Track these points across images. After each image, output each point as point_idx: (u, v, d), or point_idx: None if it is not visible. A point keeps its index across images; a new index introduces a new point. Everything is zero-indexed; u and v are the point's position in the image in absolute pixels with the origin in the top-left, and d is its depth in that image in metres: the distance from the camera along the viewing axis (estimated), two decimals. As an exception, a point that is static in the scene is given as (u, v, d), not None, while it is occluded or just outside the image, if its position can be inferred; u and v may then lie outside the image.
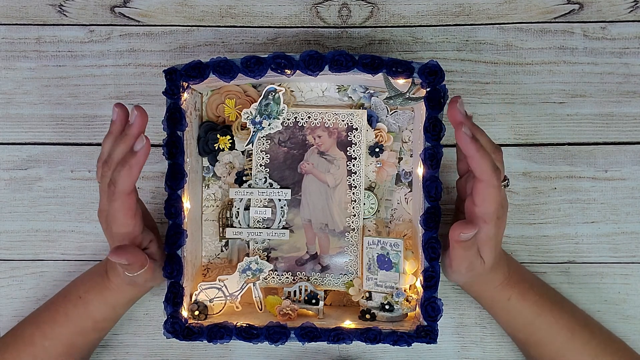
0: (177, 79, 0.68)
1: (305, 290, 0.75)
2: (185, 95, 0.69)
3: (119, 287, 0.69)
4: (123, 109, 0.63)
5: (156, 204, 0.79)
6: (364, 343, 0.68)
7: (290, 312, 0.72)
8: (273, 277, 0.77)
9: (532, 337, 0.71)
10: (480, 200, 0.61)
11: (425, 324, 0.68)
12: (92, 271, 0.74)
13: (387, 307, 0.72)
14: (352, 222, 0.76)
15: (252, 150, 0.76)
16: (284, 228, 0.76)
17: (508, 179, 0.67)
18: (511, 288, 0.70)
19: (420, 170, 0.69)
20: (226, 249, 0.79)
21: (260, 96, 0.73)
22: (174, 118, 0.68)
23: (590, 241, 0.79)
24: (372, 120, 0.76)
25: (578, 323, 0.72)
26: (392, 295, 0.72)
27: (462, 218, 0.65)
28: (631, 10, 0.78)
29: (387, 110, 0.77)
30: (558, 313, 0.71)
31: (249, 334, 0.68)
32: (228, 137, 0.75)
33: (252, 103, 0.74)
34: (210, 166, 0.77)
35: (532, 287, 0.72)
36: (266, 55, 0.67)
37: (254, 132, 0.74)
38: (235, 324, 0.68)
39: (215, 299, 0.73)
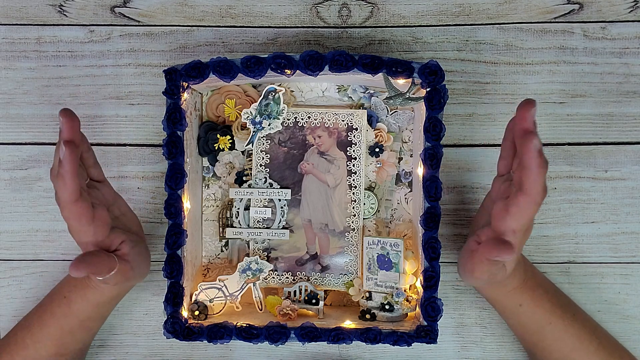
0: (177, 79, 0.68)
1: (305, 290, 0.75)
2: (185, 95, 0.69)
3: (99, 286, 0.68)
4: (67, 115, 0.59)
5: (156, 204, 0.79)
6: (364, 343, 0.68)
7: (290, 312, 0.72)
8: (273, 277, 0.77)
9: (540, 343, 0.71)
10: (516, 211, 0.57)
11: (425, 324, 0.68)
12: None
13: (387, 307, 0.72)
14: (352, 222, 0.76)
15: (252, 150, 0.76)
16: (284, 228, 0.76)
17: None
18: (524, 293, 0.69)
19: (420, 170, 0.69)
20: (226, 249, 0.79)
21: (260, 96, 0.73)
22: (174, 118, 0.68)
23: (590, 241, 0.79)
24: (372, 120, 0.76)
25: (587, 332, 0.71)
26: (392, 295, 0.72)
27: (486, 214, 0.64)
28: (631, 10, 0.78)
29: (387, 110, 0.77)
30: (569, 322, 0.70)
31: (249, 334, 0.68)
32: (228, 137, 0.75)
33: (252, 103, 0.74)
34: (210, 166, 0.77)
35: (546, 293, 0.71)
36: (266, 55, 0.67)
37: (254, 132, 0.74)
38: (235, 324, 0.68)
39: (215, 299, 0.73)
